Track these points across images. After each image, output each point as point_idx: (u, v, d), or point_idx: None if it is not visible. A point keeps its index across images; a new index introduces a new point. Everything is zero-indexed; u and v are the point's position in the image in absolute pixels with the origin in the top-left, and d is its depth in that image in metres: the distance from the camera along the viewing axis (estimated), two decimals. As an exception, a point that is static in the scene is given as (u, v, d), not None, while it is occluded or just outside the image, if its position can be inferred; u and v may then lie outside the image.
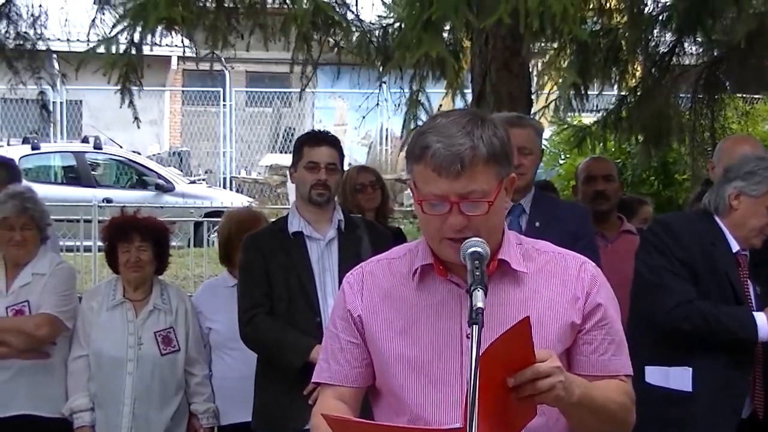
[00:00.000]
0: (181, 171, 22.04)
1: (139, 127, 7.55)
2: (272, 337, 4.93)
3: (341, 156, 5.21)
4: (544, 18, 5.39)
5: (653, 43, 8.41)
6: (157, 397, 5.40)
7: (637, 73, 8.67)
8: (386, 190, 6.96)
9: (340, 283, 4.75)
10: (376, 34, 8.11)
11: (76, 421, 5.42)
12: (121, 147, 21.19)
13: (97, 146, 19.12)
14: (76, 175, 18.64)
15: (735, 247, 4.47)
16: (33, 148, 18.36)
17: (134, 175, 19.04)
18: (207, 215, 15.03)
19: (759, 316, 4.32)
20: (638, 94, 8.54)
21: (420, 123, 7.34)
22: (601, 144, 9.07)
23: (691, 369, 4.38)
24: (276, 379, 4.95)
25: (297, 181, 5.15)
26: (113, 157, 19.54)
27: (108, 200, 15.77)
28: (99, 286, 6.14)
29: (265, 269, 4.99)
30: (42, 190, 12.76)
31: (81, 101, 24.20)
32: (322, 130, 5.65)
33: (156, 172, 18.95)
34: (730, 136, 6.40)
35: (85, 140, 19.92)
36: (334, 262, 5.02)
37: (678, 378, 4.38)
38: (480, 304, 2.45)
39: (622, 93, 8.81)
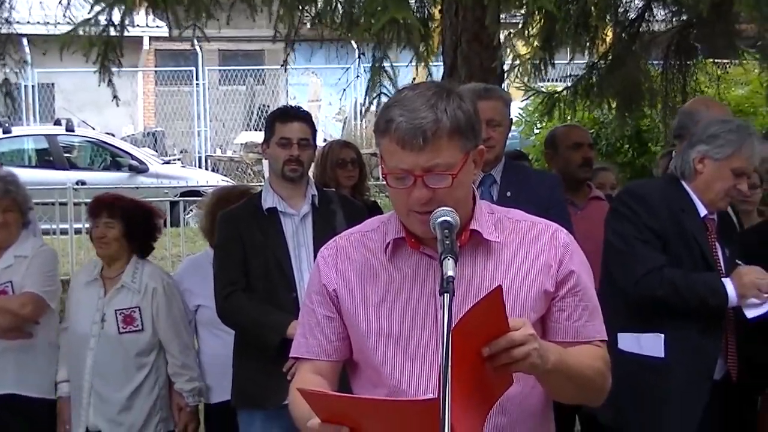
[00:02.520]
0: (156, 151, 21.96)
1: (117, 106, 7.53)
2: (250, 316, 4.94)
3: (314, 131, 5.21)
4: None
5: (622, 9, 8.41)
6: (114, 374, 5.38)
7: (608, 39, 8.67)
8: (365, 169, 6.94)
9: (315, 258, 4.81)
10: (341, 1, 8.07)
11: (57, 391, 5.52)
12: (94, 129, 21.09)
13: (69, 128, 19.03)
14: (50, 158, 18.56)
15: (702, 211, 4.49)
16: (4, 132, 18.23)
17: (108, 156, 18.95)
18: (182, 195, 14.98)
19: (728, 283, 4.35)
20: (609, 60, 8.55)
21: (384, 90, 7.36)
22: (572, 111, 9.05)
23: (663, 335, 4.40)
24: (253, 356, 4.97)
25: (269, 157, 5.15)
26: (86, 139, 19.46)
27: (82, 182, 15.67)
28: (88, 263, 6.16)
29: (240, 246, 5.00)
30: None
31: (53, 84, 24.06)
32: (294, 105, 5.64)
33: (129, 154, 18.86)
34: (691, 100, 6.41)
35: (57, 123, 19.82)
36: (309, 237, 5.03)
37: (650, 344, 4.40)
38: (450, 273, 2.46)
39: (593, 60, 8.81)
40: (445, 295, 2.42)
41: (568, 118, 9.06)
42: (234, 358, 5.15)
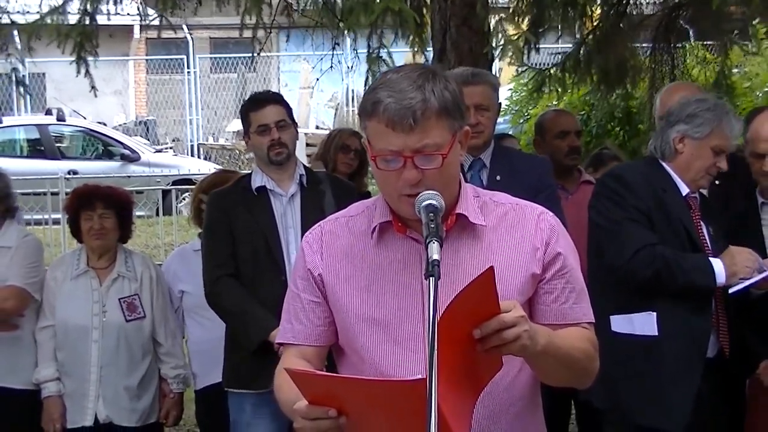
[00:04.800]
0: (148, 140, 21.93)
1: (96, 96, 7.52)
2: (237, 309, 4.96)
3: (289, 110, 5.21)
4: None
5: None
6: (123, 363, 5.42)
7: (595, 16, 8.64)
8: (366, 165, 6.92)
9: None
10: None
11: (43, 391, 5.45)
12: (85, 118, 21.05)
13: (60, 118, 19.03)
14: (41, 148, 18.54)
15: (684, 190, 4.50)
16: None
17: (99, 146, 18.95)
18: (174, 183, 14.97)
19: (716, 263, 4.37)
20: (597, 35, 8.53)
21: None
22: (562, 88, 9.04)
23: (655, 313, 4.42)
24: None
25: (253, 147, 5.17)
26: (78, 129, 19.45)
27: (74, 172, 15.69)
28: (63, 256, 6.15)
29: (228, 228, 5.01)
30: (7, 164, 12.85)
31: (44, 74, 23.99)
32: (262, 90, 5.66)
33: (121, 143, 18.86)
34: (668, 85, 6.42)
35: (48, 113, 19.79)
36: (297, 218, 5.04)
37: (643, 323, 4.42)
38: (436, 256, 2.46)
39: (580, 37, 8.81)
40: (431, 278, 2.42)
41: (557, 97, 9.03)
42: (226, 341, 5.16)
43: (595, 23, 8.57)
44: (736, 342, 4.54)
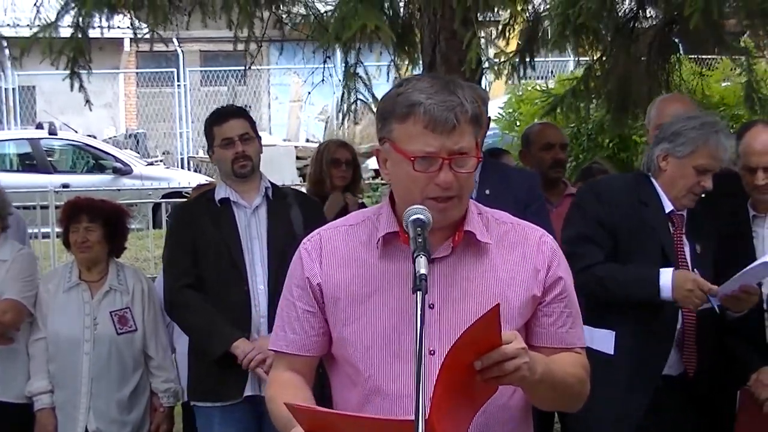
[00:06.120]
0: (138, 153, 21.91)
1: (91, 110, 7.52)
2: (198, 320, 4.97)
3: (252, 124, 5.22)
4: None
5: (617, 10, 8.38)
6: (114, 376, 5.42)
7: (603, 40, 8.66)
8: (359, 171, 6.94)
9: (269, 250, 4.88)
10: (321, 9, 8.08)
11: (36, 403, 5.45)
12: (76, 132, 21.02)
13: (52, 132, 19.00)
14: (33, 162, 18.51)
15: (668, 206, 4.51)
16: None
17: (91, 159, 18.92)
18: (164, 196, 14.96)
19: (664, 274, 4.35)
20: (604, 60, 8.55)
21: (360, 96, 7.36)
22: (575, 113, 9.05)
23: (614, 333, 4.45)
24: None
25: (217, 162, 5.19)
26: (69, 143, 19.41)
27: (65, 186, 15.70)
28: (56, 269, 6.17)
29: (191, 239, 5.02)
30: None
31: (34, 87, 23.99)
32: (226, 105, 5.69)
33: (113, 156, 18.86)
34: (661, 96, 6.43)
35: (39, 126, 19.78)
36: (262, 229, 5.05)
37: (602, 340, 4.43)
38: (423, 271, 2.47)
39: (587, 60, 8.82)
40: (418, 293, 2.43)
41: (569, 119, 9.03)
42: (189, 353, 5.17)
43: (602, 49, 8.56)
44: (707, 361, 4.53)
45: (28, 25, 7.27)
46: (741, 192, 4.81)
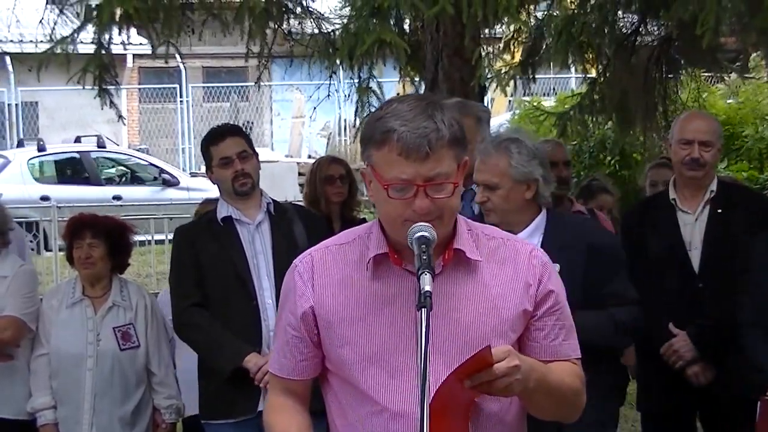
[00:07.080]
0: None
1: (124, 125, 7.57)
2: (206, 338, 4.97)
3: (249, 141, 5.22)
4: (487, 7, 5.40)
5: (618, 25, 8.40)
6: (117, 392, 5.41)
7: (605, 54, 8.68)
8: (355, 185, 6.77)
9: (274, 264, 4.90)
10: (328, 26, 8.11)
11: (39, 419, 5.43)
12: (118, 144, 21.17)
13: (101, 144, 19.09)
14: (86, 174, 18.52)
15: None
16: (39, 150, 18.38)
17: (138, 171, 19.04)
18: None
19: None
20: (607, 75, 8.57)
21: (373, 110, 7.37)
22: (584, 129, 9.07)
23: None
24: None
25: (216, 181, 5.17)
26: (117, 154, 19.62)
27: (117, 197, 16.14)
28: (60, 285, 6.16)
29: (195, 259, 5.02)
30: (51, 191, 13.88)
31: (37, 102, 24.04)
32: (220, 124, 5.70)
33: (160, 168, 18.96)
34: (685, 113, 6.47)
35: (77, 140, 19.74)
36: (267, 245, 5.05)
37: None
38: (428, 288, 2.48)
39: (591, 75, 8.85)
40: (423, 310, 2.44)
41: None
42: (199, 370, 5.15)
43: (605, 63, 8.58)
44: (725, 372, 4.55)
45: (31, 41, 7.29)
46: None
